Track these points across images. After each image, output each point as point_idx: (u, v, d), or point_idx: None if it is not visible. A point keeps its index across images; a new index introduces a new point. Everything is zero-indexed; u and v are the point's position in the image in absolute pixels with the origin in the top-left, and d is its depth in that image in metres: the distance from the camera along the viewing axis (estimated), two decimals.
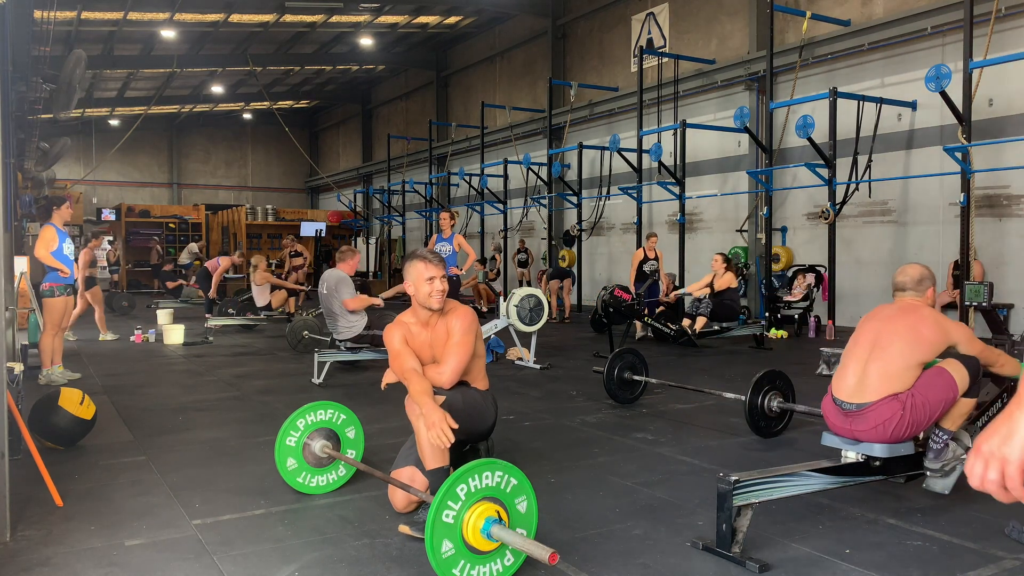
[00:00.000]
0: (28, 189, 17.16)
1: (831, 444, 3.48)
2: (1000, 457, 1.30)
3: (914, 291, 3.55)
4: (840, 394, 3.44)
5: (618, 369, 5.92)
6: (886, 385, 3.30)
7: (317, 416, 3.81)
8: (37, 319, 7.92)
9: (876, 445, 3.31)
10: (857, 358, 3.45)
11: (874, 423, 3.29)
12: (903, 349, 3.33)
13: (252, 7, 17.17)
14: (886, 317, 3.50)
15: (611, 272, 16.24)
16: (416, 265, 3.42)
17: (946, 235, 10.42)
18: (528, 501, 2.74)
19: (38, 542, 3.12)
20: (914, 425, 3.32)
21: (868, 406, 3.30)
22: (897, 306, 3.56)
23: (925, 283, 3.56)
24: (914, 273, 3.58)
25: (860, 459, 3.35)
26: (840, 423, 3.42)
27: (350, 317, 7.15)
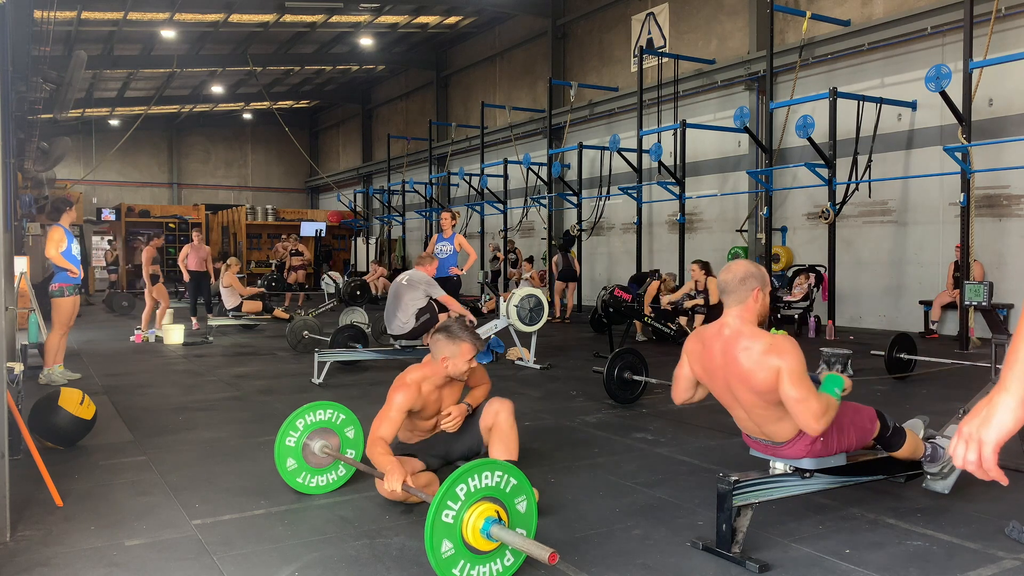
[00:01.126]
0: (28, 189, 17.15)
1: (759, 455, 3.25)
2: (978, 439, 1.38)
3: (736, 294, 3.01)
4: (750, 433, 3.19)
5: (618, 369, 5.92)
6: (786, 428, 3.02)
7: (317, 416, 3.81)
8: (37, 319, 7.92)
9: (804, 460, 3.09)
10: (735, 409, 3.13)
11: (796, 454, 3.09)
12: (765, 405, 2.97)
13: (252, 7, 17.17)
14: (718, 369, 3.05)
15: (611, 272, 16.24)
16: (465, 345, 3.50)
17: (946, 235, 10.42)
18: (528, 501, 2.75)
19: (38, 542, 3.12)
20: (840, 447, 3.09)
21: (784, 444, 3.09)
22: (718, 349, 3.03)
23: (749, 283, 2.99)
24: (738, 270, 3.02)
25: (789, 471, 3.12)
26: (762, 449, 3.20)
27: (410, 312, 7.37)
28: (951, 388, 6.56)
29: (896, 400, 6.04)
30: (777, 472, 3.15)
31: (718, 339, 3.03)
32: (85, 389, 5.12)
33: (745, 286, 2.99)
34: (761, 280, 3.02)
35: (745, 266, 3.03)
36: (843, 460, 3.17)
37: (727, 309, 3.06)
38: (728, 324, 3.02)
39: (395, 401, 3.44)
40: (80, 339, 10.40)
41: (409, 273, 7.69)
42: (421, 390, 3.51)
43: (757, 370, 2.88)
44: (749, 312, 3.01)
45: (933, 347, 8.97)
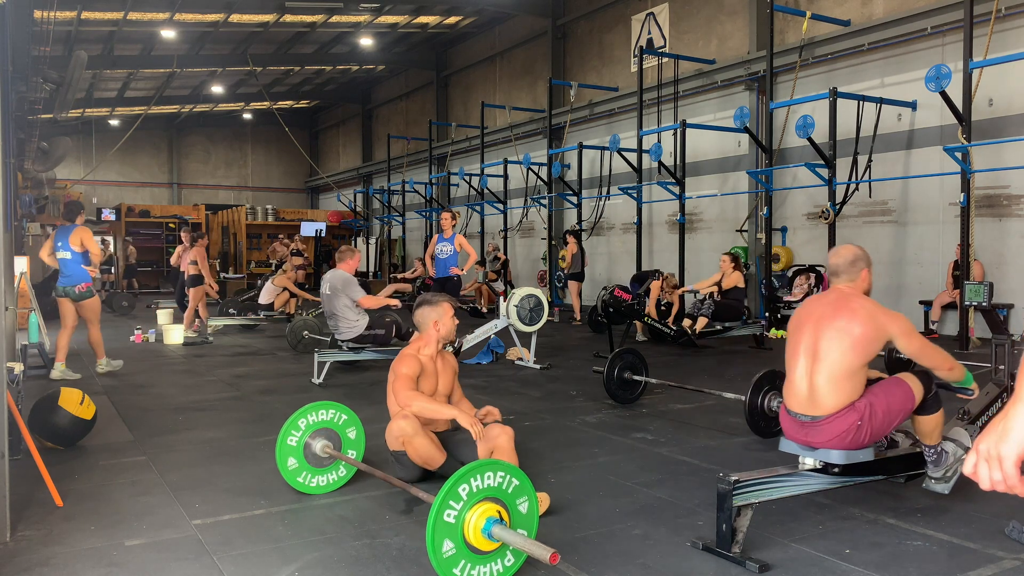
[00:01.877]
0: (28, 189, 17.15)
1: (788, 450, 3.35)
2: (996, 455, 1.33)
3: (847, 275, 3.33)
4: (793, 405, 3.29)
5: (618, 369, 5.92)
6: (837, 396, 3.16)
7: (318, 416, 3.82)
8: (37, 319, 7.93)
9: (833, 452, 3.19)
10: (801, 367, 3.28)
11: (831, 435, 3.17)
12: (844, 353, 3.15)
13: (252, 7, 17.16)
14: (820, 316, 3.28)
15: (611, 272, 16.23)
16: (445, 304, 3.95)
17: (946, 235, 10.42)
18: (529, 502, 2.75)
19: (38, 542, 3.12)
20: (873, 434, 3.20)
21: (824, 419, 3.17)
22: (828, 300, 3.33)
23: (859, 264, 3.33)
24: (847, 254, 3.35)
25: (818, 465, 3.23)
26: (796, 433, 3.29)
27: (351, 317, 7.15)
28: None
29: None
30: (806, 468, 3.24)
31: (831, 295, 3.35)
32: (85, 389, 5.12)
33: (855, 267, 3.34)
34: (867, 261, 3.39)
35: (853, 250, 3.38)
36: (871, 455, 3.28)
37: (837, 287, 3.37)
38: (840, 290, 3.34)
39: (401, 370, 3.77)
40: (80, 339, 10.38)
41: (329, 279, 7.21)
42: (421, 358, 3.85)
43: (866, 320, 3.16)
44: (859, 288, 3.35)
45: None
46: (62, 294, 7.37)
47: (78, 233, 7.35)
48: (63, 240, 7.37)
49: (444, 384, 3.94)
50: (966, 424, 3.66)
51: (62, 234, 7.44)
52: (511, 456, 3.54)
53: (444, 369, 3.96)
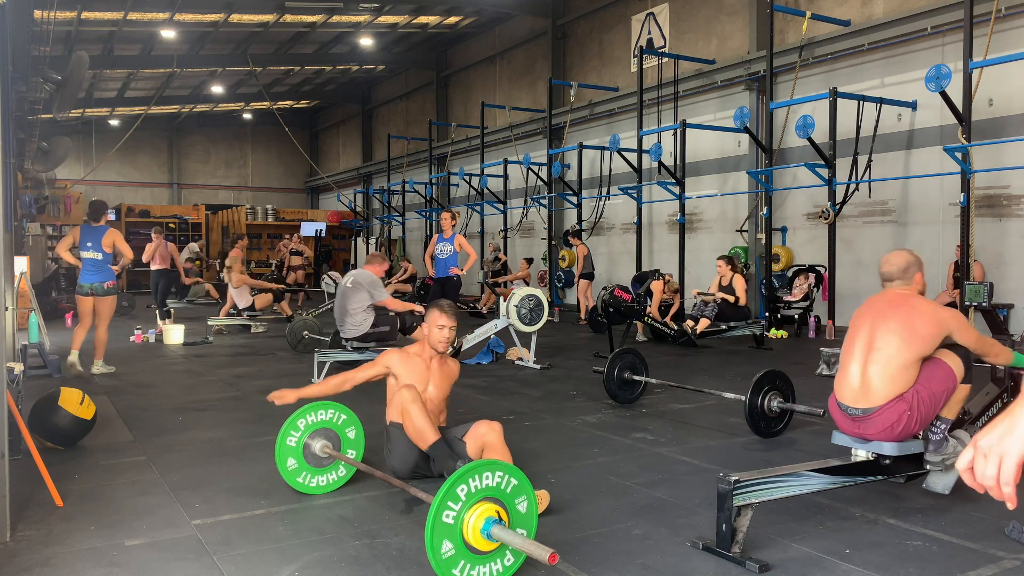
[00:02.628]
0: (28, 189, 17.16)
1: (841, 443, 3.49)
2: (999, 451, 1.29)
3: (901, 280, 3.47)
4: (844, 398, 3.41)
5: (618, 369, 5.92)
6: (889, 387, 3.28)
7: (317, 416, 3.82)
8: (37, 319, 7.93)
9: (886, 444, 3.32)
10: (855, 359, 3.41)
11: (882, 426, 3.29)
12: (900, 347, 3.29)
13: (252, 7, 17.16)
14: (879, 312, 3.42)
15: (611, 272, 16.23)
16: (433, 312, 3.98)
17: (946, 235, 10.42)
18: (528, 501, 2.74)
19: (38, 542, 3.12)
20: (921, 421, 3.32)
21: (875, 411, 3.29)
22: (888, 298, 3.46)
23: (912, 270, 3.47)
24: (899, 261, 3.48)
25: (871, 457, 3.36)
26: (848, 426, 3.42)
27: (359, 316, 7.17)
28: None
29: None
30: (859, 459, 3.36)
31: (890, 294, 3.47)
32: (85, 389, 5.12)
33: (909, 273, 3.47)
34: (920, 266, 3.51)
35: (905, 256, 3.50)
36: (921, 447, 3.40)
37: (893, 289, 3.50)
38: (899, 291, 3.47)
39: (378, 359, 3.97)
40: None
41: (354, 274, 7.37)
42: (408, 354, 3.97)
43: (927, 316, 3.29)
44: (915, 290, 3.48)
45: None
46: (87, 291, 7.53)
47: (110, 235, 7.63)
48: (94, 241, 7.56)
49: (438, 386, 3.96)
50: (967, 424, 3.66)
51: (92, 235, 7.59)
52: (502, 451, 3.56)
53: (440, 372, 3.99)
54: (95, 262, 7.54)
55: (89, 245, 7.55)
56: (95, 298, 7.53)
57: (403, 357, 3.94)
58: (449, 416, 4.20)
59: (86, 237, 7.58)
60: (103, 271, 7.58)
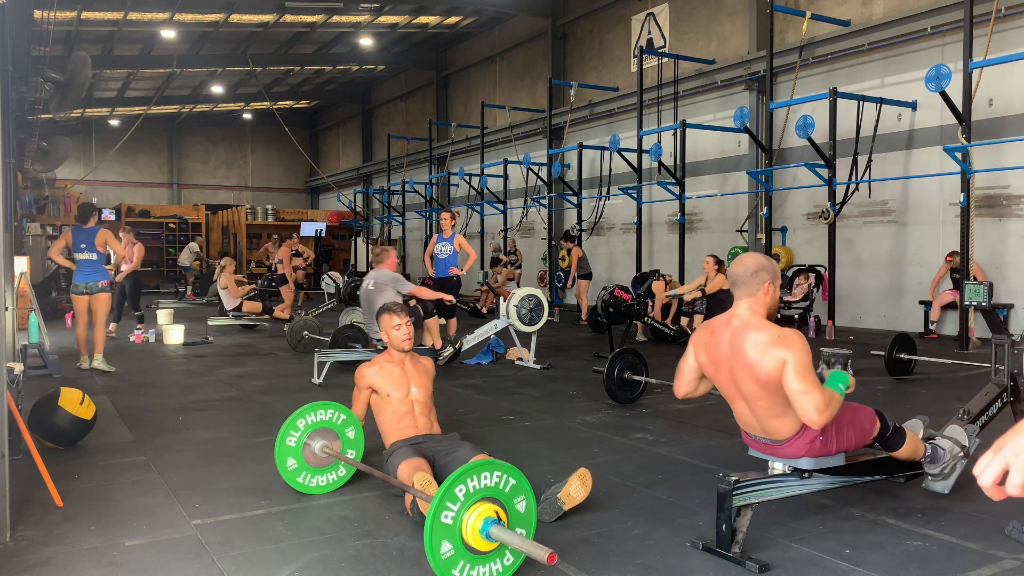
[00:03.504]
0: (28, 189, 17.16)
1: (757, 455, 3.24)
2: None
3: (747, 286, 3.02)
4: (750, 430, 3.17)
5: (618, 369, 5.92)
6: (788, 425, 3.01)
7: (317, 416, 3.81)
8: (37, 319, 7.94)
9: (802, 459, 3.08)
10: (737, 402, 3.11)
11: (795, 452, 3.07)
12: (770, 397, 2.96)
13: (252, 7, 17.16)
14: (724, 360, 3.04)
15: (611, 272, 16.23)
16: (384, 316, 4.03)
17: (946, 235, 10.42)
18: (527, 501, 2.74)
19: (38, 542, 3.12)
20: (841, 446, 3.09)
21: (784, 441, 3.07)
22: (728, 338, 3.02)
23: (761, 276, 3.01)
24: (750, 263, 3.03)
25: (788, 471, 3.11)
26: (761, 448, 3.19)
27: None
28: (951, 388, 6.56)
29: (896, 400, 6.04)
30: (776, 472, 3.14)
31: (726, 329, 3.04)
32: (85, 389, 5.12)
33: (756, 279, 3.01)
34: (772, 273, 3.04)
35: (757, 259, 3.05)
36: (842, 460, 3.17)
37: (737, 301, 3.06)
38: (738, 315, 3.03)
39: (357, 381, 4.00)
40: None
41: (373, 275, 7.46)
42: (381, 364, 3.98)
43: (763, 360, 2.88)
44: (759, 304, 3.03)
45: (933, 347, 8.97)
46: (83, 291, 7.77)
47: (103, 235, 7.91)
48: (88, 242, 7.80)
49: (419, 386, 3.95)
50: (965, 424, 3.66)
51: (85, 236, 7.82)
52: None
53: (416, 371, 3.99)
54: (90, 262, 7.79)
55: (83, 247, 7.78)
56: (90, 297, 7.75)
57: (378, 369, 3.95)
58: (447, 417, 4.20)
59: (79, 239, 7.81)
60: (98, 271, 7.83)
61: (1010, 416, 4.02)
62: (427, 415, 3.93)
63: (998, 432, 1.41)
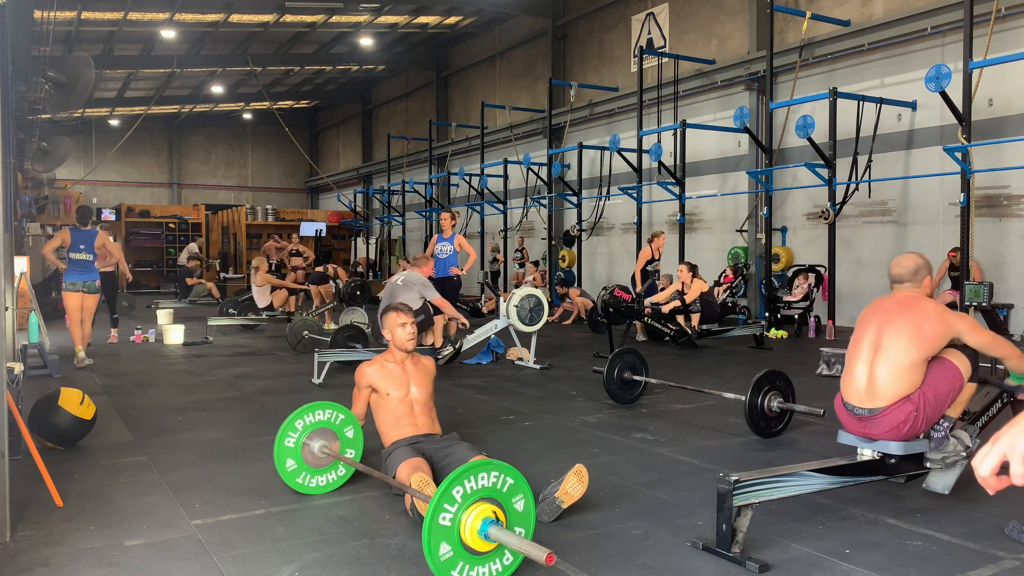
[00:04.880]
0: (28, 189, 17.16)
1: (847, 442, 3.49)
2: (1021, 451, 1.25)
3: (911, 282, 3.49)
4: (850, 398, 3.42)
5: (618, 369, 5.92)
6: (896, 388, 3.29)
7: (316, 416, 3.81)
8: (37, 319, 7.94)
9: (892, 443, 3.33)
10: (862, 359, 3.42)
11: (888, 427, 3.30)
12: (907, 348, 3.29)
13: (252, 7, 17.16)
14: (886, 312, 3.44)
15: (611, 272, 16.24)
16: (387, 315, 4.06)
17: (946, 235, 10.42)
18: (526, 500, 2.74)
19: (38, 542, 3.12)
20: (927, 421, 3.33)
21: (881, 411, 3.30)
22: (896, 299, 3.48)
23: (921, 273, 3.49)
24: (910, 264, 3.51)
25: (876, 456, 3.36)
26: (854, 426, 3.42)
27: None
28: None
29: None
30: (865, 458, 3.36)
31: (896, 297, 3.49)
32: (85, 389, 5.12)
33: (919, 276, 3.49)
34: (929, 269, 3.54)
35: (915, 259, 3.51)
36: (926, 446, 3.42)
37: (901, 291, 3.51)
38: (907, 292, 3.48)
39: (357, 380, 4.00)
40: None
41: (405, 274, 7.80)
42: (382, 363, 3.99)
43: (934, 317, 3.31)
44: (923, 293, 3.49)
45: None
46: (80, 288, 8.20)
47: (101, 238, 8.42)
48: (87, 244, 8.27)
49: (419, 385, 3.97)
50: (965, 424, 3.66)
51: (84, 238, 8.28)
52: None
53: (417, 371, 4.01)
54: (85, 263, 8.23)
55: (82, 247, 8.23)
56: (84, 295, 8.19)
57: (378, 368, 3.97)
58: (447, 417, 4.20)
59: (78, 240, 8.24)
60: (93, 271, 8.30)
61: (1010, 416, 4.02)
62: (427, 415, 3.93)
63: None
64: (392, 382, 3.91)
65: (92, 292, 8.27)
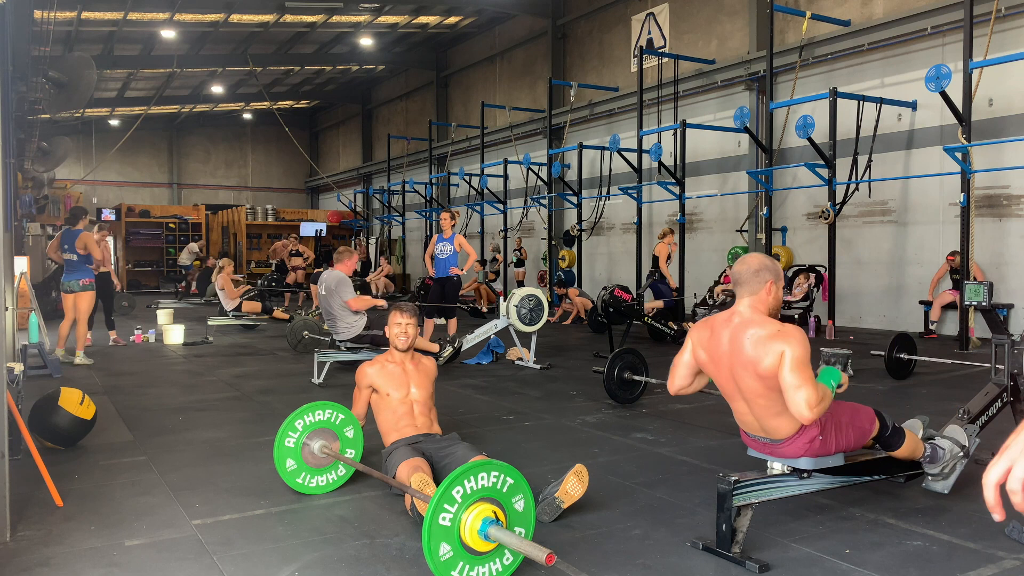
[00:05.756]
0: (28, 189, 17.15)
1: (757, 456, 3.23)
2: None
3: (749, 285, 3.02)
4: (749, 429, 3.16)
5: (618, 369, 5.92)
6: (786, 422, 2.99)
7: (315, 416, 3.81)
8: (37, 319, 7.94)
9: (801, 459, 3.07)
10: (736, 399, 3.09)
11: (794, 452, 3.06)
12: (769, 396, 2.94)
13: (252, 7, 17.16)
14: (730, 354, 3.00)
15: (611, 272, 16.24)
16: (392, 312, 4.11)
17: (946, 235, 10.42)
18: (525, 500, 2.74)
19: (38, 542, 3.12)
20: (839, 445, 3.08)
21: (783, 441, 3.06)
22: (729, 332, 3.01)
23: (763, 275, 3.01)
24: (753, 263, 3.04)
25: (787, 471, 3.11)
26: (760, 448, 3.18)
27: (349, 318, 7.15)
28: (951, 388, 6.56)
29: (896, 400, 6.04)
30: (775, 472, 3.13)
31: (727, 327, 3.03)
32: (85, 389, 5.12)
33: (759, 278, 3.01)
34: (775, 273, 3.04)
35: (760, 259, 3.05)
36: (841, 460, 3.16)
37: (739, 300, 3.06)
38: (739, 312, 3.02)
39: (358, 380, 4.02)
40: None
41: (324, 279, 7.19)
42: (383, 364, 4.01)
43: (763, 355, 2.86)
44: (761, 304, 3.02)
45: (933, 347, 8.97)
46: (66, 289, 8.36)
47: (83, 239, 8.37)
48: (70, 244, 8.36)
49: (419, 386, 3.97)
50: (965, 424, 3.66)
51: (68, 237, 8.40)
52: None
53: (417, 371, 4.02)
54: (71, 263, 8.38)
55: (67, 247, 8.38)
56: (74, 295, 8.30)
57: (379, 368, 3.98)
58: (447, 417, 4.20)
59: (64, 240, 8.42)
60: (79, 270, 8.37)
61: (1010, 416, 4.02)
62: (427, 415, 3.94)
63: (998, 432, 1.41)
64: (392, 382, 3.92)
65: (74, 291, 8.32)
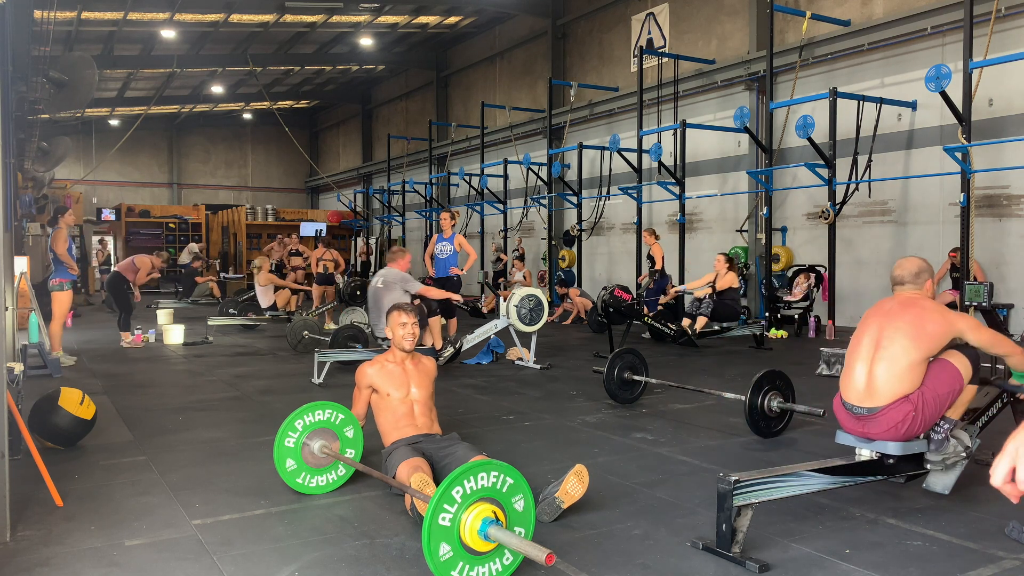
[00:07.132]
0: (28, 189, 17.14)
1: (845, 442, 3.50)
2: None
3: (912, 284, 3.53)
4: (849, 397, 3.43)
5: (618, 369, 5.92)
6: (895, 386, 3.30)
7: (315, 416, 3.81)
8: (37, 319, 7.94)
9: (890, 444, 3.34)
10: (862, 358, 3.43)
11: (887, 426, 3.30)
12: (907, 346, 3.31)
13: (252, 7, 17.16)
14: (887, 312, 3.47)
15: (611, 272, 16.24)
16: (391, 313, 4.07)
17: (946, 235, 10.42)
18: (525, 500, 2.74)
19: (38, 542, 3.12)
20: (925, 422, 3.33)
21: (879, 410, 3.31)
22: (897, 300, 3.52)
23: (923, 276, 3.53)
24: (911, 266, 3.55)
25: (875, 456, 3.37)
26: (852, 425, 3.43)
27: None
28: None
29: None
30: (863, 459, 3.37)
31: (900, 297, 3.52)
32: (85, 389, 5.12)
33: (920, 278, 3.54)
34: (931, 273, 3.60)
35: (917, 262, 3.58)
36: (925, 446, 3.41)
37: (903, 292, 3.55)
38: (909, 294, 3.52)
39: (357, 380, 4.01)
40: (80, 339, 10.40)
41: (382, 273, 7.58)
42: (383, 364, 4.00)
43: (936, 316, 3.34)
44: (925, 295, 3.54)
45: None
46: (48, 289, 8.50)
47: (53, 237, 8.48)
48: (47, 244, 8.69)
49: (419, 386, 3.97)
50: (965, 424, 3.66)
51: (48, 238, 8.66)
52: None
53: (417, 371, 4.02)
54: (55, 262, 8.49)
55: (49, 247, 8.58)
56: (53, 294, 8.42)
57: (379, 368, 3.97)
58: (447, 417, 4.20)
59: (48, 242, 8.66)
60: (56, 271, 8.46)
61: (1010, 416, 4.02)
62: (427, 415, 3.93)
63: (998, 432, 1.42)
64: (392, 382, 3.92)
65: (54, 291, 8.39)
